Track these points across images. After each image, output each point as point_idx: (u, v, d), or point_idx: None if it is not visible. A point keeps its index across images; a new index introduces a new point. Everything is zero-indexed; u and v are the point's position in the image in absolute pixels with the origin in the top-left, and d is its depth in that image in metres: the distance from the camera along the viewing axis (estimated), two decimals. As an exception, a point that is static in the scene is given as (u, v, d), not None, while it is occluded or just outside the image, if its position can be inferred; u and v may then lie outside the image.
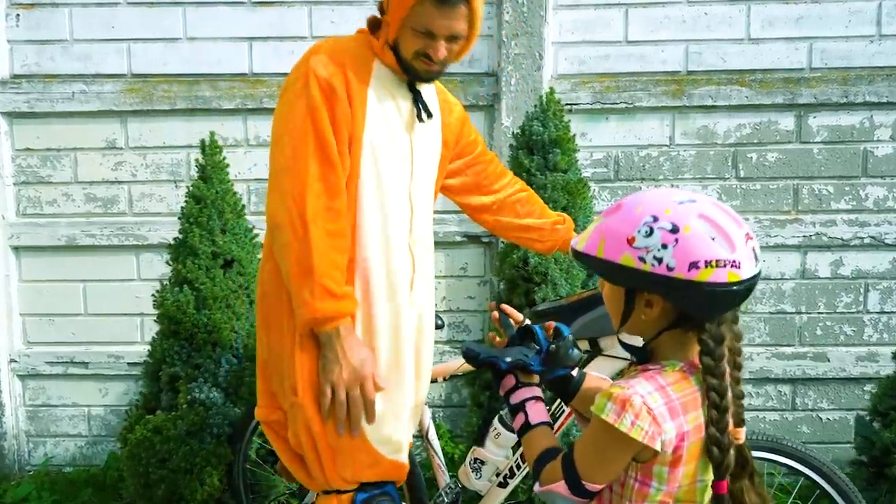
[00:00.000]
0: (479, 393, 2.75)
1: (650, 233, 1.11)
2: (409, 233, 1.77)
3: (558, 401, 1.91)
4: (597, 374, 1.40)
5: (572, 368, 1.34)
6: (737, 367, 1.15)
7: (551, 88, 2.96)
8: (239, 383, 2.59)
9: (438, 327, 2.08)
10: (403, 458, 1.81)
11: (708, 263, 1.08)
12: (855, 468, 2.75)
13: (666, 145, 3.26)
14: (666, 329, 1.17)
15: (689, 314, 1.14)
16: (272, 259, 1.73)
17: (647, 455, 1.13)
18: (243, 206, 2.87)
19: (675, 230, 1.10)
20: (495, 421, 1.98)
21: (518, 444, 1.98)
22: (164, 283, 2.74)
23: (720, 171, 3.27)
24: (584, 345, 1.85)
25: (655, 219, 1.12)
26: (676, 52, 3.23)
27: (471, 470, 1.96)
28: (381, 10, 1.73)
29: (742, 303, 1.15)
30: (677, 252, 1.09)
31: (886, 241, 3.24)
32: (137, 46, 3.28)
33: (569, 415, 1.92)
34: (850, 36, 3.20)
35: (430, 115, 1.79)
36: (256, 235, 2.90)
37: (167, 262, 2.82)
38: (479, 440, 1.96)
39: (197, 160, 2.81)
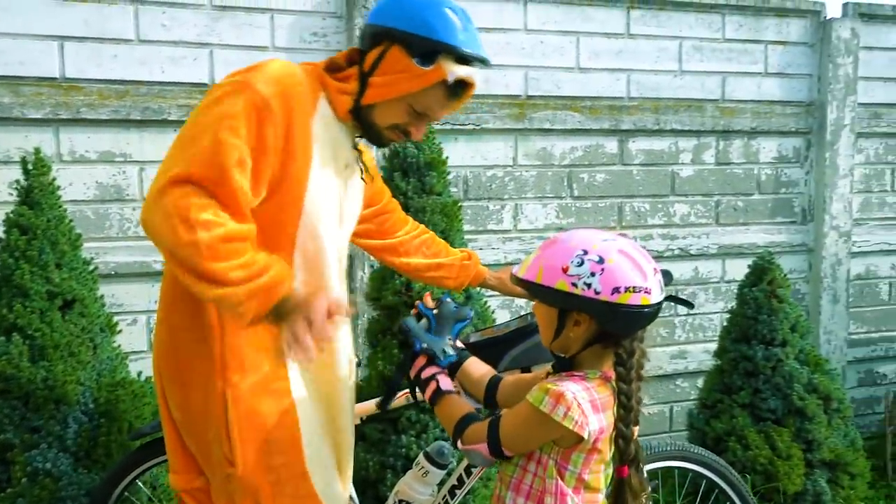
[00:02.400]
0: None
1: (581, 263, 1.32)
2: (341, 284, 1.64)
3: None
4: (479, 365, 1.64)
5: (462, 320, 1.65)
6: (640, 378, 1.40)
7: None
8: (92, 445, 2.21)
9: (359, 364, 1.97)
10: None
11: (627, 289, 1.31)
12: (690, 456, 3.09)
13: (510, 166, 3.40)
14: (589, 344, 1.38)
15: (609, 332, 1.36)
16: (181, 308, 1.49)
17: (570, 441, 1.36)
18: (78, 234, 2.46)
19: (601, 261, 1.32)
20: (421, 458, 1.91)
21: (442, 483, 1.95)
22: (-21, 331, 2.26)
23: (558, 190, 3.49)
24: (517, 374, 1.86)
25: (585, 252, 1.34)
26: (517, 77, 3.38)
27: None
28: (355, 59, 1.55)
29: (649, 324, 1.40)
30: (603, 279, 1.31)
31: (690, 252, 3.69)
32: None
33: None
34: (658, 70, 3.59)
35: (371, 178, 1.70)
36: (96, 268, 2.50)
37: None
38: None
39: (18, 182, 2.35)
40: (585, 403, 1.33)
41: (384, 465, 2.50)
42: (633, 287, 1.32)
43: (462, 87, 1.52)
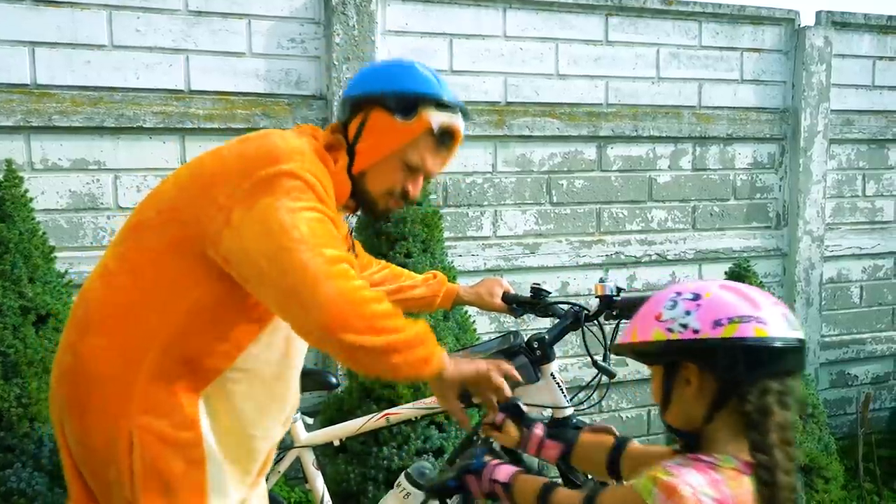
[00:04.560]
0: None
1: (675, 305, 1.15)
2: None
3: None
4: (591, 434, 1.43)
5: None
6: (788, 456, 1.09)
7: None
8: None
9: (334, 386, 1.95)
10: None
11: (731, 320, 1.10)
12: (668, 462, 3.12)
13: (489, 172, 3.40)
14: (714, 410, 1.13)
15: (727, 383, 1.11)
16: (100, 339, 1.38)
17: None
18: (52, 247, 2.41)
19: (696, 297, 1.14)
20: (402, 479, 1.89)
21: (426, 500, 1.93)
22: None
23: (537, 196, 3.49)
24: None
25: (679, 293, 1.17)
26: (497, 84, 3.38)
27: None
28: (339, 129, 1.53)
29: (790, 370, 1.13)
30: (700, 314, 1.12)
31: (668, 257, 3.72)
32: None
33: None
34: (636, 77, 3.61)
35: (355, 255, 1.71)
36: (71, 281, 2.46)
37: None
38: None
39: (-11, 194, 2.29)
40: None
41: (366, 476, 2.49)
42: (739, 317, 1.09)
43: (449, 136, 1.52)
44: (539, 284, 1.95)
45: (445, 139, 1.52)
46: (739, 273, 3.06)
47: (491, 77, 3.37)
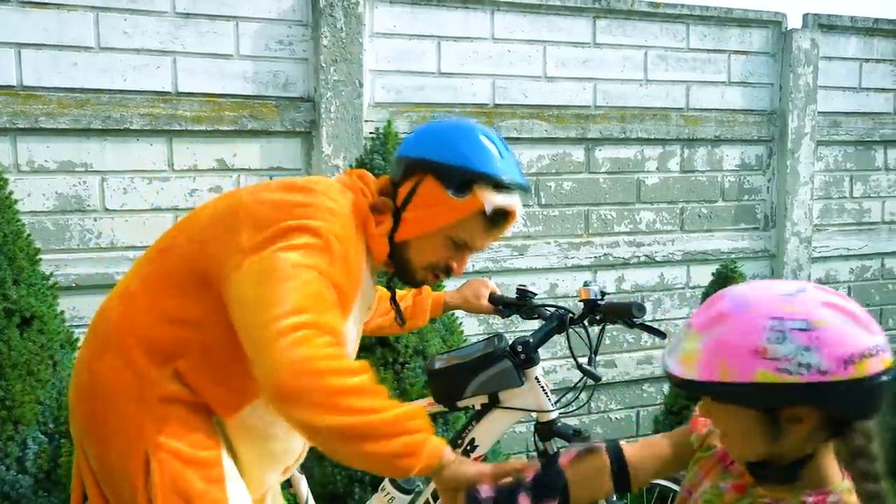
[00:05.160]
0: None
1: (783, 338, 0.95)
2: None
3: (467, 439, 1.88)
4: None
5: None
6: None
7: (389, 121, 2.93)
8: (53, 466, 2.17)
9: None
10: None
11: (862, 355, 0.95)
12: (656, 463, 3.13)
13: (478, 174, 3.40)
14: (816, 441, 1.01)
15: (845, 417, 1.00)
16: (115, 359, 1.36)
17: None
18: (37, 249, 2.40)
19: (808, 327, 0.96)
20: (386, 483, 1.89)
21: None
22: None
23: (525, 198, 3.49)
24: (484, 399, 1.86)
25: (780, 319, 0.97)
26: (485, 86, 3.39)
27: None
28: (388, 192, 1.46)
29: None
30: (825, 352, 0.95)
31: (656, 258, 3.74)
32: None
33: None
34: (624, 79, 3.62)
35: (403, 322, 1.70)
36: (56, 283, 2.45)
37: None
38: None
39: (-26, 196, 2.29)
40: None
41: (352, 479, 2.49)
42: (867, 350, 0.96)
43: (502, 215, 1.44)
44: (525, 286, 1.95)
45: (498, 220, 1.45)
46: (726, 275, 3.08)
47: (479, 79, 3.37)
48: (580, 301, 1.87)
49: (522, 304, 1.93)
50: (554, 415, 1.88)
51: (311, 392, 1.14)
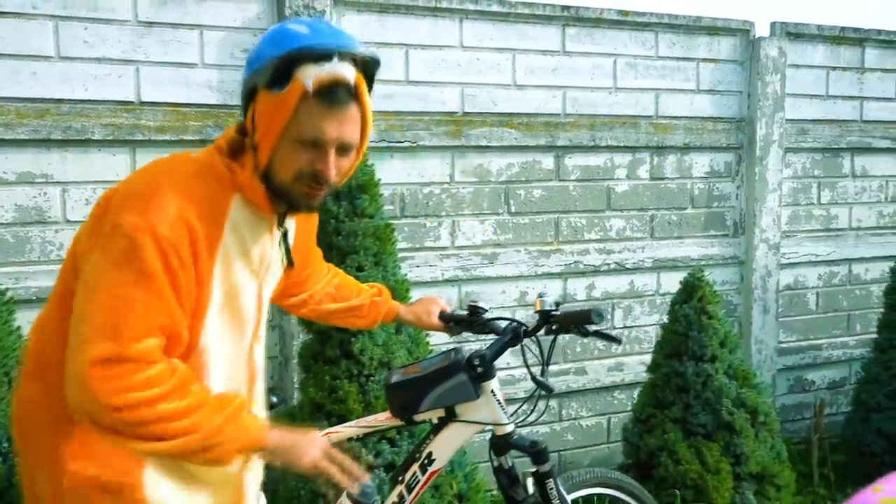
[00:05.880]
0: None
1: None
2: (249, 398, 1.49)
3: (412, 470, 1.88)
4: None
5: None
6: None
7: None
8: (7, 486, 2.13)
9: (275, 405, 1.93)
10: None
11: None
12: (624, 471, 3.13)
13: (447, 182, 3.40)
14: None
15: None
16: (44, 379, 1.33)
17: None
18: (-8, 263, 2.36)
19: None
20: (344, 499, 1.88)
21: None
22: None
23: (495, 206, 3.50)
24: (440, 413, 1.85)
25: None
26: (454, 94, 3.38)
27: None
28: (242, 130, 1.36)
29: None
30: None
31: (626, 265, 3.75)
32: None
33: (425, 483, 1.89)
34: (594, 87, 3.63)
35: (291, 264, 1.54)
36: (11, 299, 2.41)
37: None
38: None
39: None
40: None
41: (316, 494, 2.46)
42: None
43: (336, 89, 1.28)
44: (476, 302, 1.95)
45: (335, 94, 1.27)
46: (693, 284, 3.09)
47: (448, 87, 3.37)
48: (535, 312, 1.86)
49: (474, 320, 1.92)
50: (509, 428, 1.87)
51: (124, 427, 1.18)
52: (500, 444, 1.89)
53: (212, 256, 1.31)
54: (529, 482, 1.92)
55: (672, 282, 3.73)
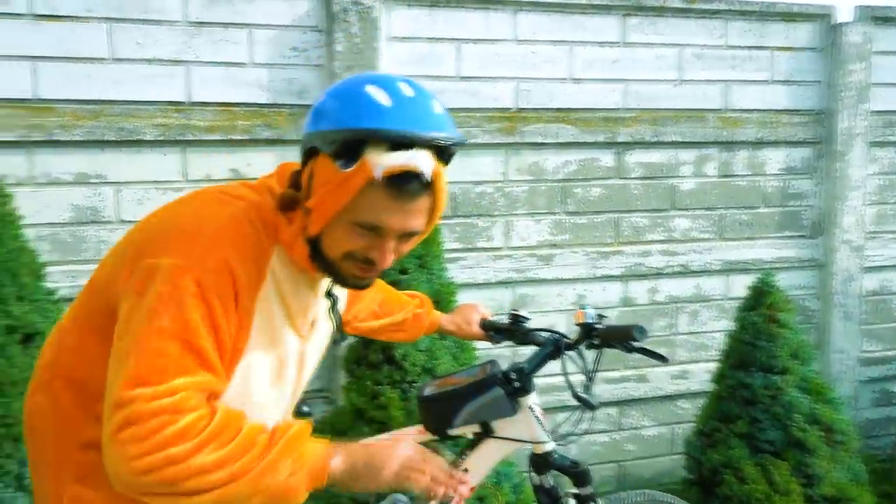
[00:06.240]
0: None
1: None
2: None
3: (460, 468, 1.77)
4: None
5: None
6: None
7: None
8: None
9: (307, 415, 1.87)
10: None
11: None
12: (686, 487, 2.95)
13: (500, 181, 3.28)
14: None
15: None
16: (53, 393, 1.27)
17: None
18: (41, 264, 2.39)
19: None
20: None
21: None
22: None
23: (551, 206, 3.36)
24: (476, 428, 1.74)
25: None
26: (507, 90, 3.26)
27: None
28: (296, 184, 1.22)
29: None
30: None
31: (692, 268, 3.54)
32: None
33: (460, 501, 1.78)
34: (656, 79, 3.44)
35: (343, 337, 1.44)
36: (59, 299, 2.44)
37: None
38: None
39: (-22, 212, 2.29)
40: None
41: (356, 500, 2.40)
42: None
43: (408, 180, 1.13)
44: (517, 310, 1.84)
45: (406, 185, 1.13)
46: (762, 290, 2.88)
47: (501, 82, 3.25)
48: (576, 325, 1.74)
49: (515, 329, 1.81)
50: (549, 446, 1.75)
51: (156, 486, 1.06)
52: (540, 463, 1.77)
53: (252, 302, 1.20)
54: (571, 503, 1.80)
55: (743, 285, 3.50)
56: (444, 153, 1.16)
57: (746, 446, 2.80)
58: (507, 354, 3.01)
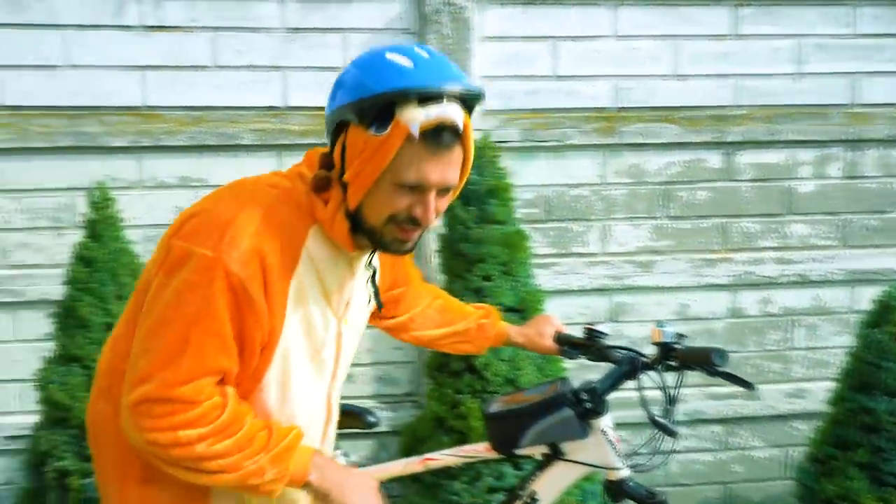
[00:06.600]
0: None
1: None
2: (322, 438, 1.43)
3: (528, 489, 1.69)
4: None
5: None
6: None
7: (487, 132, 2.77)
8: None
9: (373, 424, 1.84)
10: None
11: None
12: (796, 517, 2.71)
13: (597, 184, 3.15)
14: None
15: None
16: (113, 398, 1.28)
17: None
18: (141, 264, 2.51)
19: None
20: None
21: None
22: (48, 358, 2.36)
23: (651, 209, 3.18)
24: (543, 449, 1.65)
25: None
26: (606, 88, 3.12)
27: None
28: (328, 164, 1.26)
29: None
30: None
31: (811, 277, 3.26)
32: (8, 74, 2.84)
33: None
34: (771, 74, 3.18)
35: (381, 306, 1.47)
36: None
37: (54, 325, 2.42)
38: None
39: (85, 215, 2.43)
40: None
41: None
42: None
43: (442, 133, 1.18)
44: (593, 325, 1.73)
45: (441, 138, 1.18)
46: (888, 304, 2.59)
47: (600, 81, 3.11)
48: (653, 343, 1.61)
49: (590, 344, 1.70)
50: (624, 473, 1.63)
51: (160, 455, 1.19)
52: (614, 490, 1.65)
53: (285, 287, 1.24)
54: (649, 534, 1.67)
55: (869, 298, 3.18)
56: (467, 105, 1.22)
57: (867, 477, 2.53)
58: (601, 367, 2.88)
